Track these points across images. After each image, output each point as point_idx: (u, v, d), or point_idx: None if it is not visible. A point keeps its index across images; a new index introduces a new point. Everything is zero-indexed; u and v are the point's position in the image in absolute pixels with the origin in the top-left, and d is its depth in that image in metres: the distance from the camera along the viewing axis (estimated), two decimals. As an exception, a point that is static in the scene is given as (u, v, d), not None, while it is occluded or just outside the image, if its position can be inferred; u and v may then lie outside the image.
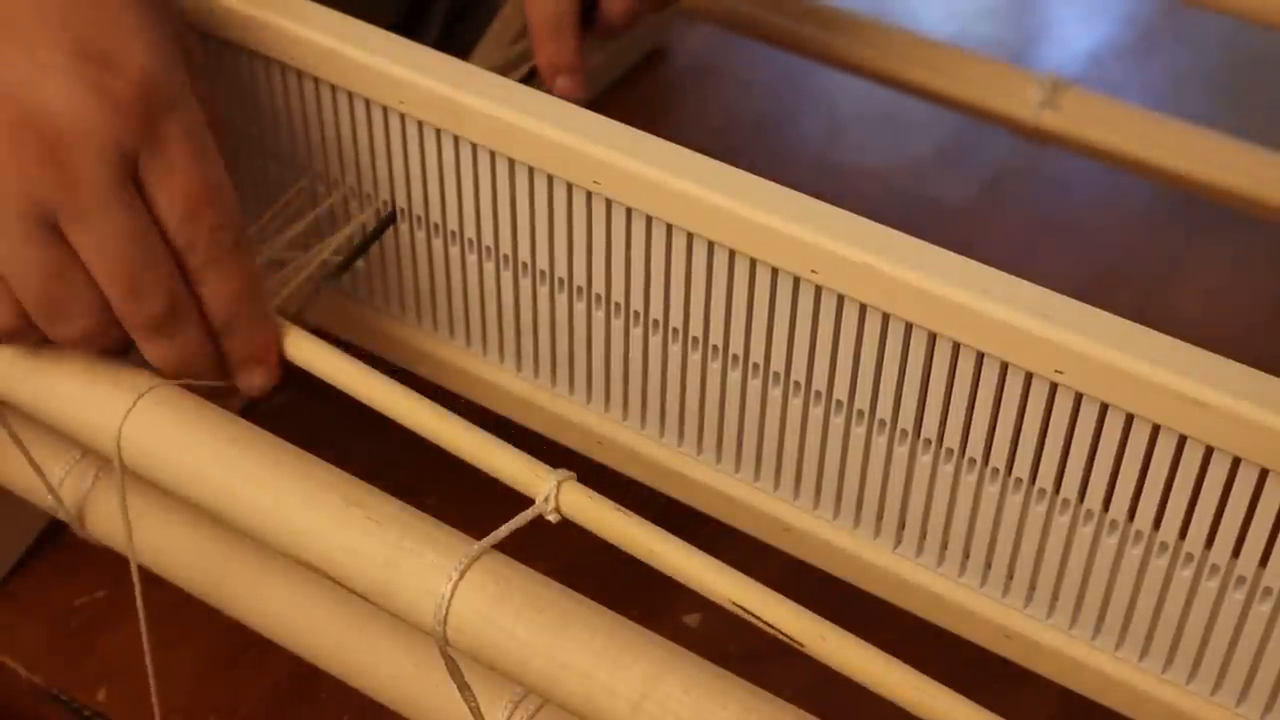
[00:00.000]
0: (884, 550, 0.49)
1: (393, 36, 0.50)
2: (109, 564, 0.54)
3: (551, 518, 0.42)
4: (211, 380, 0.46)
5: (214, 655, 0.55)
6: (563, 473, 0.42)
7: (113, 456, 0.44)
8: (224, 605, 0.51)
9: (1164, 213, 0.78)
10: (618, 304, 0.49)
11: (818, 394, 0.47)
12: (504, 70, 0.65)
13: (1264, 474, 0.40)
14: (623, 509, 0.41)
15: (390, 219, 0.53)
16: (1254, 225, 0.71)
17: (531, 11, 0.57)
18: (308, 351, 0.47)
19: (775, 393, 0.48)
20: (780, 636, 0.39)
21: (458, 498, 0.48)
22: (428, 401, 0.44)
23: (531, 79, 0.61)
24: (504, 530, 0.41)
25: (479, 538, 0.41)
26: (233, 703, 0.55)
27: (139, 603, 0.46)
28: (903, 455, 0.46)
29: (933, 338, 0.43)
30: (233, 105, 0.55)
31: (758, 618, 0.39)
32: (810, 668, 0.40)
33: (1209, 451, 0.40)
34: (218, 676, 0.55)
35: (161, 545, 0.51)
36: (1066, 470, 0.43)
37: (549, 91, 0.59)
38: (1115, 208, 0.79)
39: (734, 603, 0.39)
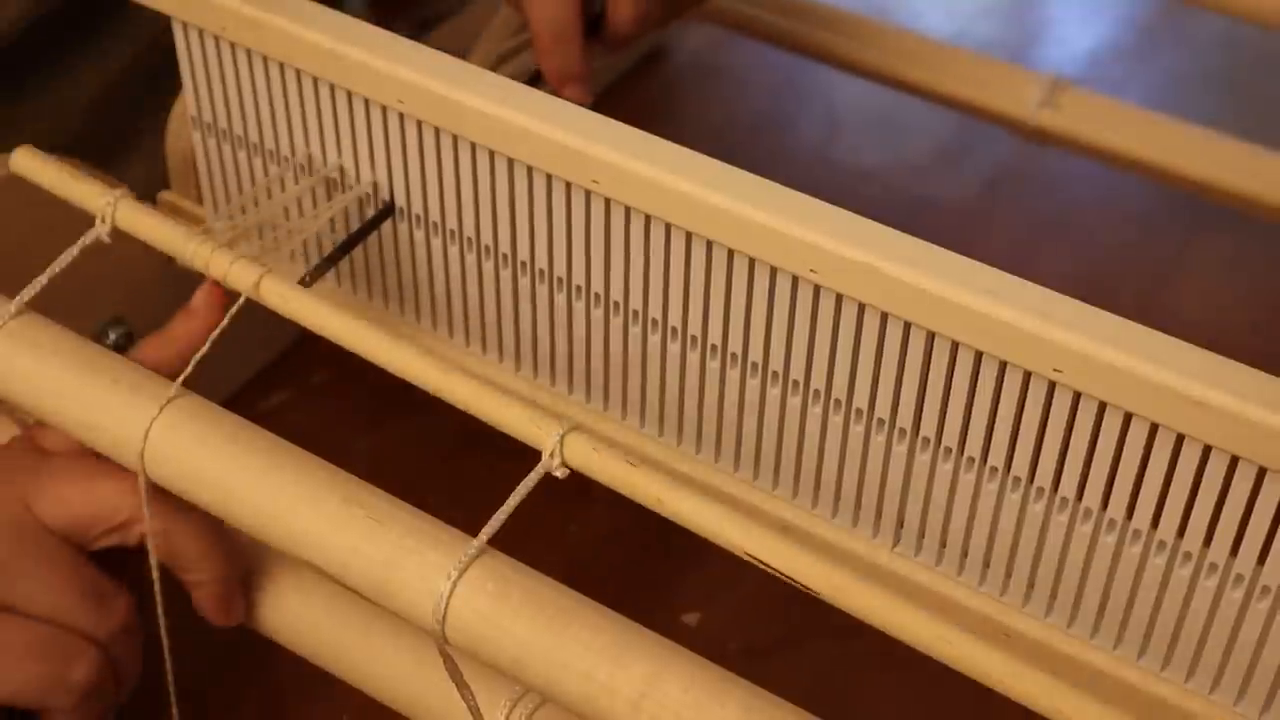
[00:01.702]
0: (882, 549, 0.49)
1: (393, 36, 0.50)
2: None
3: (559, 473, 0.41)
4: None
5: (215, 655, 0.55)
6: (568, 421, 0.41)
7: (135, 467, 0.44)
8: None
9: (1164, 213, 0.78)
10: (616, 303, 0.49)
11: (816, 393, 0.47)
12: (503, 63, 0.65)
13: (1262, 473, 0.40)
14: (630, 459, 0.41)
15: (387, 211, 0.53)
16: (1254, 225, 0.71)
17: (534, 21, 0.57)
18: (312, 311, 0.46)
19: (774, 391, 0.48)
20: (796, 585, 0.38)
21: (458, 496, 0.49)
22: (432, 356, 0.44)
23: (536, 82, 0.61)
24: (511, 502, 0.40)
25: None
26: (233, 702, 0.55)
27: (159, 610, 0.46)
28: (901, 454, 0.46)
29: (931, 337, 0.43)
30: (234, 105, 0.55)
31: (772, 568, 0.39)
32: (810, 666, 0.40)
33: (1207, 450, 0.40)
34: (218, 676, 0.55)
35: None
36: (1065, 469, 0.43)
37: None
38: (1115, 208, 0.79)
39: (748, 554, 0.39)
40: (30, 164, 0.51)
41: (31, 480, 0.45)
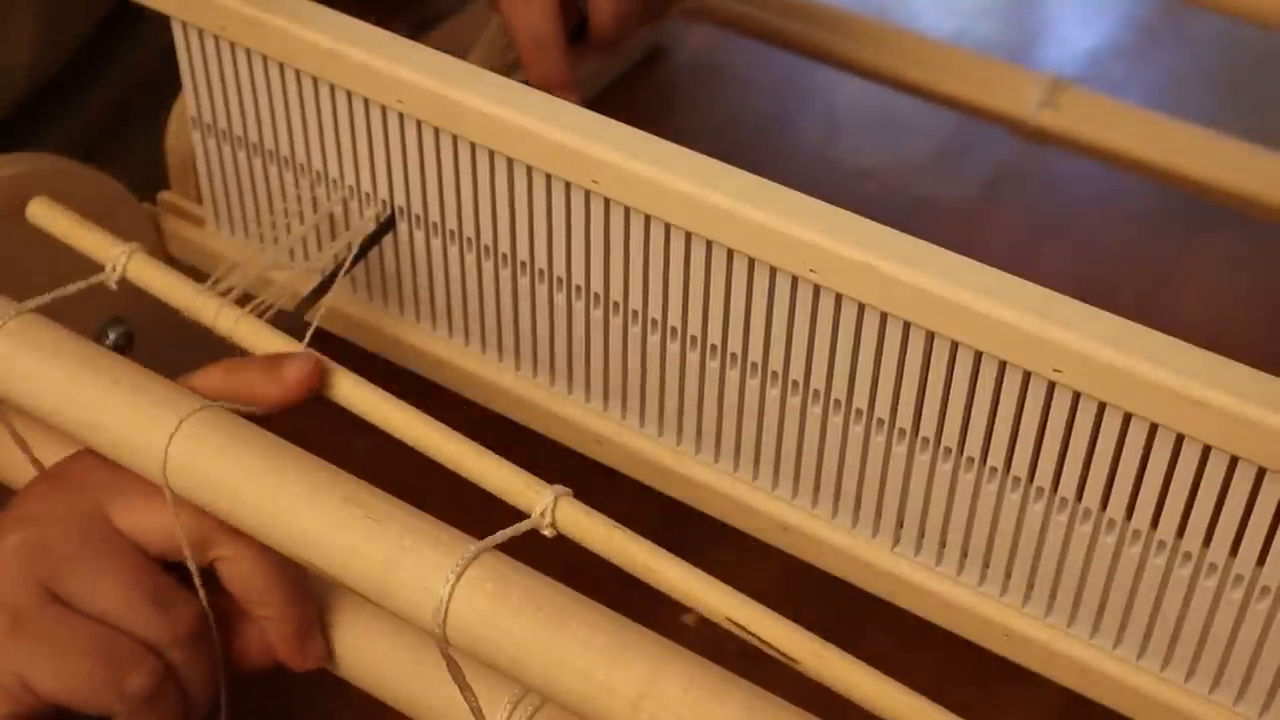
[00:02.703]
0: (882, 549, 0.49)
1: (393, 36, 0.50)
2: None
3: (547, 532, 0.42)
4: None
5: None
6: (559, 489, 0.42)
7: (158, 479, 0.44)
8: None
9: (1164, 213, 0.78)
10: (616, 302, 0.49)
11: (815, 392, 0.47)
12: (503, 71, 0.65)
13: (1261, 473, 0.40)
14: (618, 525, 0.41)
15: (389, 223, 0.53)
16: (1254, 225, 0.71)
17: (516, 32, 0.58)
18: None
19: (773, 391, 0.48)
20: (776, 654, 0.39)
21: (457, 497, 0.48)
22: (422, 415, 0.45)
23: None
24: (500, 536, 0.41)
25: (479, 537, 0.41)
26: (233, 700, 0.55)
27: (206, 608, 0.46)
28: (901, 454, 0.46)
29: (931, 337, 0.43)
30: (233, 105, 0.55)
31: (753, 634, 0.39)
32: (809, 666, 0.40)
33: (1207, 450, 0.40)
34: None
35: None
36: (1064, 469, 0.43)
37: None
38: (1115, 208, 0.79)
39: (730, 620, 0.39)
40: (44, 213, 0.51)
41: (110, 488, 0.45)
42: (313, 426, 0.49)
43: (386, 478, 0.44)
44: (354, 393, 0.46)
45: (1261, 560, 0.41)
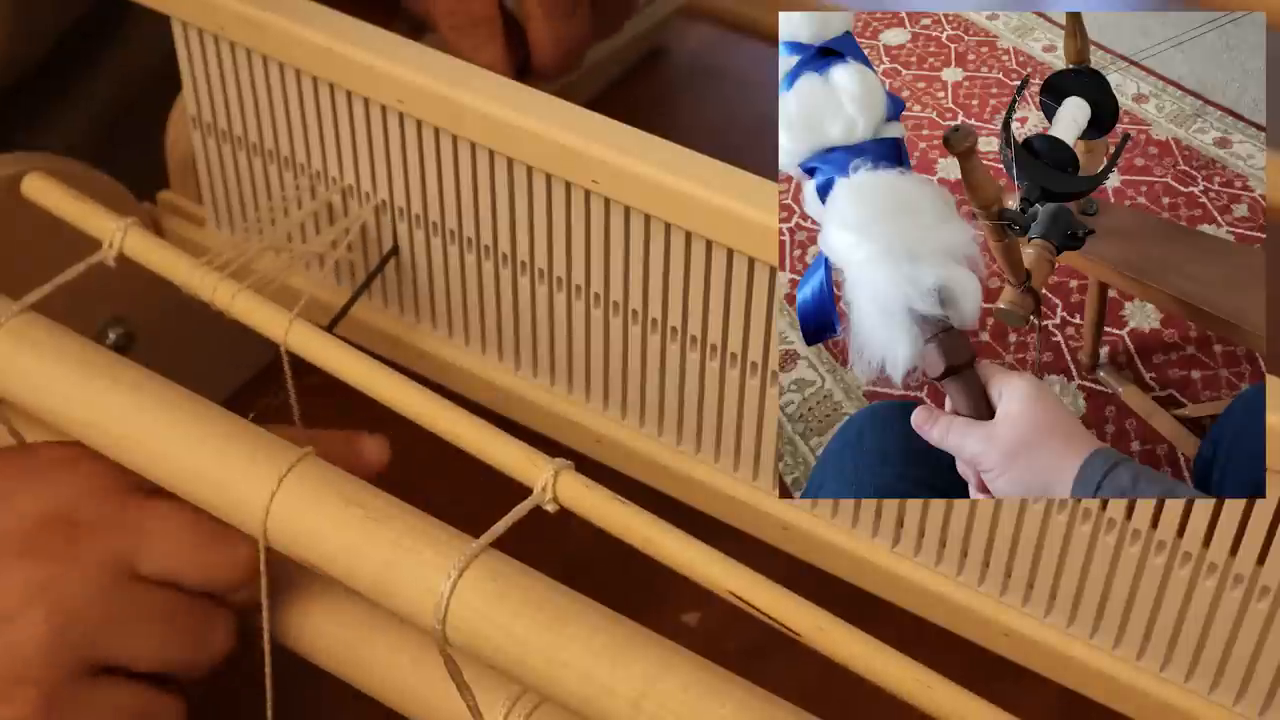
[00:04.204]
0: (882, 549, 0.49)
1: (393, 36, 0.50)
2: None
3: (549, 507, 0.41)
4: None
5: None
6: (560, 461, 0.42)
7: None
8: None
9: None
10: (615, 302, 0.49)
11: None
12: None
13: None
14: (620, 498, 0.41)
15: (392, 252, 0.53)
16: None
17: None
18: (308, 342, 0.47)
19: (773, 391, 0.48)
20: (778, 627, 0.39)
21: (459, 495, 0.48)
22: (426, 390, 0.44)
23: None
24: (502, 524, 0.41)
25: (479, 536, 0.41)
26: (233, 702, 0.55)
27: (266, 645, 0.46)
28: (901, 454, 0.46)
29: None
30: (233, 105, 0.55)
31: (755, 608, 0.39)
32: (809, 666, 0.40)
33: (1207, 450, 0.40)
34: (217, 676, 0.55)
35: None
36: (1064, 469, 0.43)
37: None
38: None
39: (731, 593, 0.39)
40: (41, 188, 0.51)
41: (135, 532, 0.44)
42: (313, 426, 0.49)
43: (387, 478, 0.44)
44: (348, 363, 0.46)
45: (1261, 560, 0.41)
